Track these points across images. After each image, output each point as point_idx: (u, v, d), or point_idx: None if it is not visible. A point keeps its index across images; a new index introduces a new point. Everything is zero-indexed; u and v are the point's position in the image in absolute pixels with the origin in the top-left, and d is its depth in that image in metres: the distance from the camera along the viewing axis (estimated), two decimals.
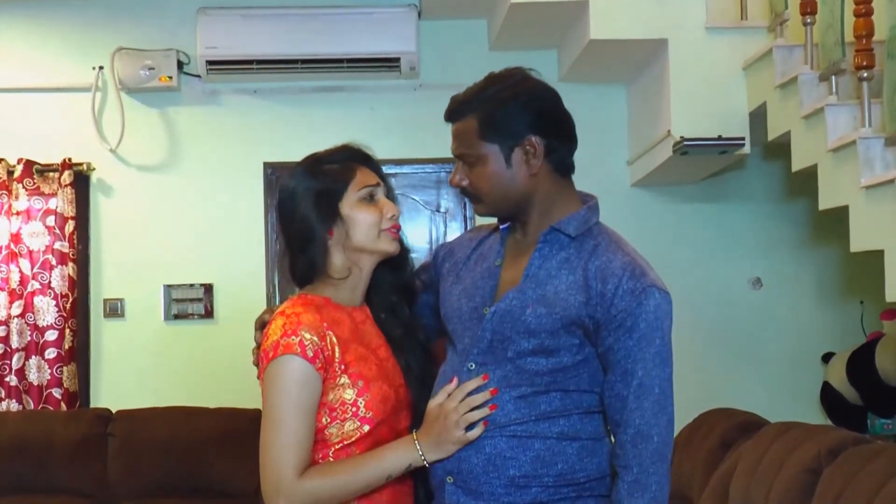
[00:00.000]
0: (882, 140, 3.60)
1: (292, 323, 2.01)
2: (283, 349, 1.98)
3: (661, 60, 4.70)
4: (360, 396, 2.02)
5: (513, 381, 2.03)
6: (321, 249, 2.09)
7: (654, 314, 2.00)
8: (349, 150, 2.16)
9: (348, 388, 2.02)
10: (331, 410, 2.02)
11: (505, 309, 2.05)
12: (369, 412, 2.02)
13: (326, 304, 2.09)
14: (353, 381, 2.03)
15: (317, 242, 2.08)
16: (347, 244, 2.09)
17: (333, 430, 2.03)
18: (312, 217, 2.08)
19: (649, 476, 2.00)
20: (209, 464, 4.76)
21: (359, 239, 2.09)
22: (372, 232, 2.10)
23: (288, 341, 1.99)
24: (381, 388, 2.05)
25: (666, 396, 2.02)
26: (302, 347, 1.98)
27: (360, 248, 2.10)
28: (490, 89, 2.07)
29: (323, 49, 5.14)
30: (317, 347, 1.99)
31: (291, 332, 1.99)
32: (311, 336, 1.99)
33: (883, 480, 2.99)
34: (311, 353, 1.99)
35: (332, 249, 2.10)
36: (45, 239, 5.15)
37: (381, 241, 2.12)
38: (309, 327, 2.00)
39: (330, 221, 2.08)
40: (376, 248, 2.11)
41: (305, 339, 1.99)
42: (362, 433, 2.02)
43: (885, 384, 4.82)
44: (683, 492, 4.19)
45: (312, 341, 1.99)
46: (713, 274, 5.39)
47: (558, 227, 2.07)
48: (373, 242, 2.10)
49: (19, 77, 5.28)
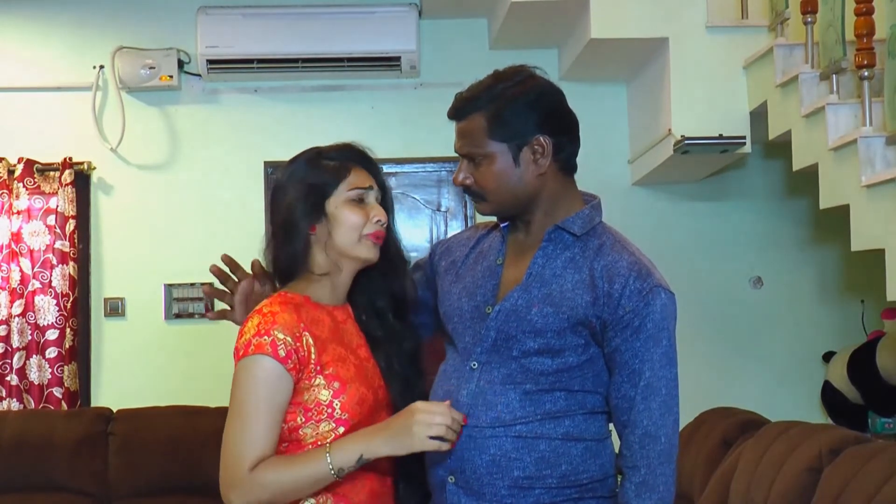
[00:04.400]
0: (883, 139, 3.60)
1: (266, 322, 1.99)
2: (255, 348, 1.97)
3: (662, 59, 4.70)
4: (335, 398, 2.00)
5: (517, 380, 2.02)
6: (303, 244, 2.06)
7: (661, 314, 1.99)
8: (350, 149, 2.13)
9: (323, 389, 2.00)
10: (306, 411, 2.00)
11: (510, 308, 2.04)
12: (345, 414, 2.00)
13: (306, 303, 2.06)
14: (329, 382, 2.00)
15: (299, 236, 2.06)
16: (329, 243, 2.06)
17: (308, 431, 2.00)
18: (298, 209, 2.06)
19: (657, 477, 1.99)
20: (209, 463, 4.70)
21: (339, 240, 2.06)
22: (352, 235, 2.06)
23: (260, 341, 1.97)
24: (358, 390, 2.02)
25: (672, 397, 2.01)
26: (273, 347, 1.96)
27: (339, 251, 2.07)
28: (497, 87, 2.05)
29: (323, 48, 5.13)
30: (290, 348, 1.97)
31: (265, 331, 1.98)
32: (285, 336, 1.97)
33: (883, 479, 2.99)
34: (283, 353, 1.97)
35: (314, 246, 2.07)
36: (45, 238, 5.14)
37: (360, 247, 2.07)
38: (283, 327, 1.98)
39: (314, 217, 2.06)
40: (354, 254, 2.08)
41: (278, 338, 1.97)
42: (337, 434, 1.99)
43: (886, 383, 4.81)
44: (684, 490, 4.19)
45: (286, 341, 1.97)
46: (714, 273, 5.39)
47: (563, 226, 2.06)
48: (352, 246, 2.07)
49: (19, 76, 5.28)
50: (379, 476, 2.07)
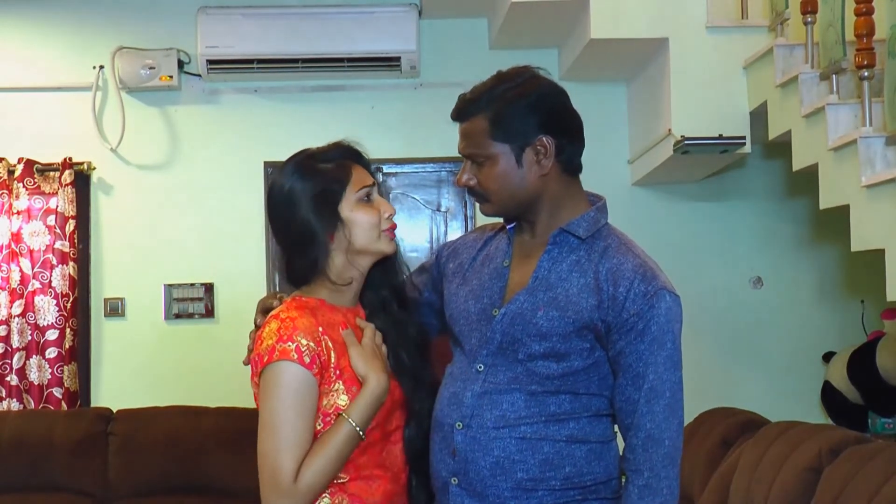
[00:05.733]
0: (883, 139, 3.60)
1: (287, 328, 1.97)
2: (280, 355, 1.95)
3: (662, 59, 4.70)
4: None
5: (522, 381, 2.02)
6: (322, 253, 2.05)
7: (666, 317, 1.99)
8: (342, 148, 2.12)
9: (342, 394, 2.00)
10: (324, 416, 1.99)
11: (515, 311, 2.03)
12: None
13: (321, 307, 2.06)
14: (348, 386, 2.01)
15: (318, 246, 2.04)
16: (349, 248, 2.06)
17: None
18: (313, 221, 2.03)
19: (660, 480, 1.99)
20: (209, 463, 4.76)
21: (360, 241, 2.06)
22: (373, 233, 2.07)
23: (284, 347, 1.95)
24: None
25: (676, 400, 2.01)
26: (299, 353, 1.95)
27: (360, 251, 2.07)
28: (499, 88, 2.04)
29: (323, 48, 5.13)
30: (313, 353, 1.97)
31: (287, 337, 1.96)
32: (308, 342, 1.96)
33: (883, 479, 2.99)
34: (307, 358, 1.96)
35: (332, 253, 2.06)
36: (45, 238, 5.14)
37: (381, 242, 2.09)
38: (305, 332, 1.97)
39: (331, 225, 2.04)
40: (376, 250, 2.09)
41: (302, 344, 1.96)
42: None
43: (886, 383, 4.81)
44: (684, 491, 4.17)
45: (309, 347, 1.96)
46: (714, 273, 5.39)
47: (568, 229, 2.06)
48: (373, 244, 2.08)
49: (19, 76, 5.27)
50: (393, 477, 2.08)
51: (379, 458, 2.03)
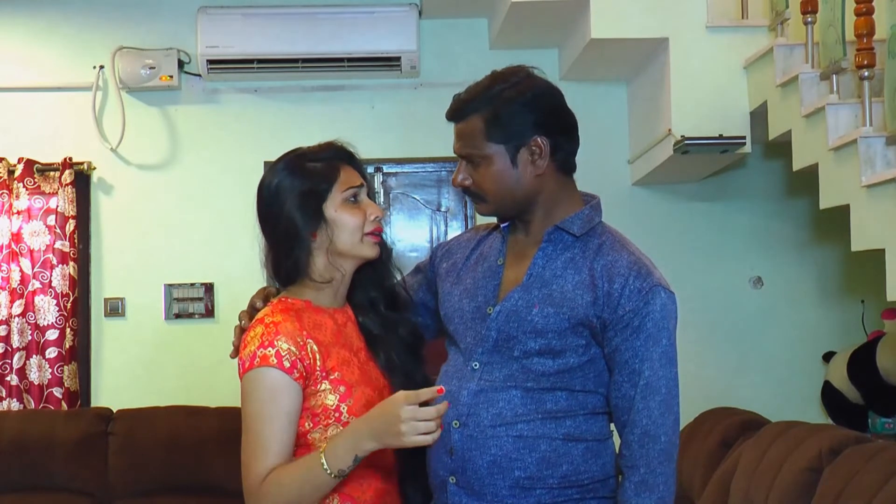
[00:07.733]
0: (883, 139, 3.60)
1: (269, 333, 1.99)
2: (260, 361, 1.97)
3: (662, 59, 4.70)
4: (342, 402, 2.01)
5: (518, 378, 2.03)
6: (305, 252, 2.05)
7: (661, 313, 2.00)
8: (334, 148, 2.12)
9: (330, 394, 2.01)
10: (313, 416, 2.01)
11: (510, 308, 2.04)
12: (352, 417, 2.00)
13: (307, 308, 2.07)
14: (335, 386, 2.01)
15: (301, 244, 2.05)
16: (330, 248, 2.06)
17: (316, 435, 2.02)
18: (297, 218, 2.04)
19: (656, 476, 2.00)
20: (209, 463, 4.75)
21: (342, 243, 2.06)
22: (355, 236, 2.07)
23: (264, 353, 1.97)
24: (364, 393, 2.04)
25: (672, 396, 2.02)
26: (279, 358, 1.97)
27: (341, 253, 2.07)
28: (494, 88, 2.05)
29: (324, 48, 5.13)
30: (295, 357, 1.98)
31: (268, 343, 1.98)
32: (289, 346, 1.98)
33: (884, 479, 2.99)
34: (287, 363, 1.97)
35: (314, 252, 2.06)
36: (45, 238, 5.14)
37: (363, 247, 2.08)
38: (287, 337, 1.98)
39: (314, 224, 2.05)
40: (357, 254, 2.09)
41: (282, 349, 1.97)
42: None
43: (886, 383, 4.81)
44: (684, 491, 4.19)
45: (290, 351, 1.98)
46: (714, 273, 5.39)
47: (562, 227, 2.06)
48: (355, 247, 2.07)
49: (20, 76, 5.28)
50: (384, 475, 2.08)
51: (369, 456, 2.04)
